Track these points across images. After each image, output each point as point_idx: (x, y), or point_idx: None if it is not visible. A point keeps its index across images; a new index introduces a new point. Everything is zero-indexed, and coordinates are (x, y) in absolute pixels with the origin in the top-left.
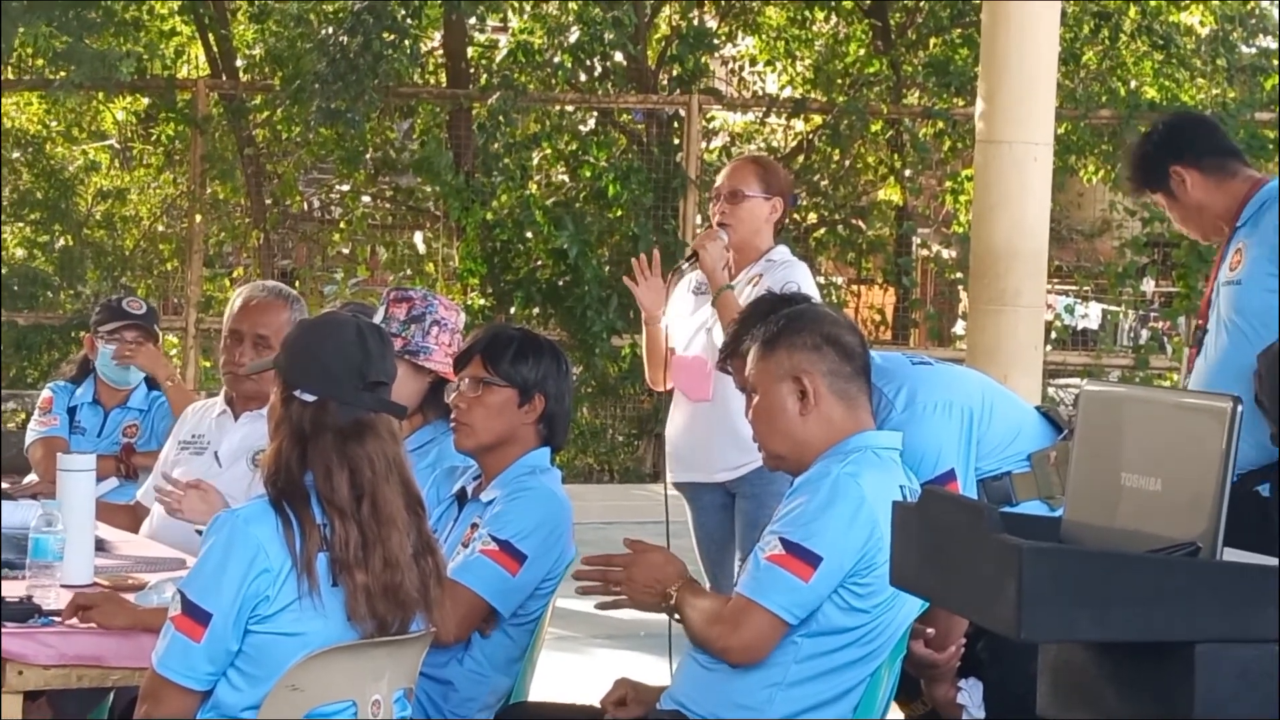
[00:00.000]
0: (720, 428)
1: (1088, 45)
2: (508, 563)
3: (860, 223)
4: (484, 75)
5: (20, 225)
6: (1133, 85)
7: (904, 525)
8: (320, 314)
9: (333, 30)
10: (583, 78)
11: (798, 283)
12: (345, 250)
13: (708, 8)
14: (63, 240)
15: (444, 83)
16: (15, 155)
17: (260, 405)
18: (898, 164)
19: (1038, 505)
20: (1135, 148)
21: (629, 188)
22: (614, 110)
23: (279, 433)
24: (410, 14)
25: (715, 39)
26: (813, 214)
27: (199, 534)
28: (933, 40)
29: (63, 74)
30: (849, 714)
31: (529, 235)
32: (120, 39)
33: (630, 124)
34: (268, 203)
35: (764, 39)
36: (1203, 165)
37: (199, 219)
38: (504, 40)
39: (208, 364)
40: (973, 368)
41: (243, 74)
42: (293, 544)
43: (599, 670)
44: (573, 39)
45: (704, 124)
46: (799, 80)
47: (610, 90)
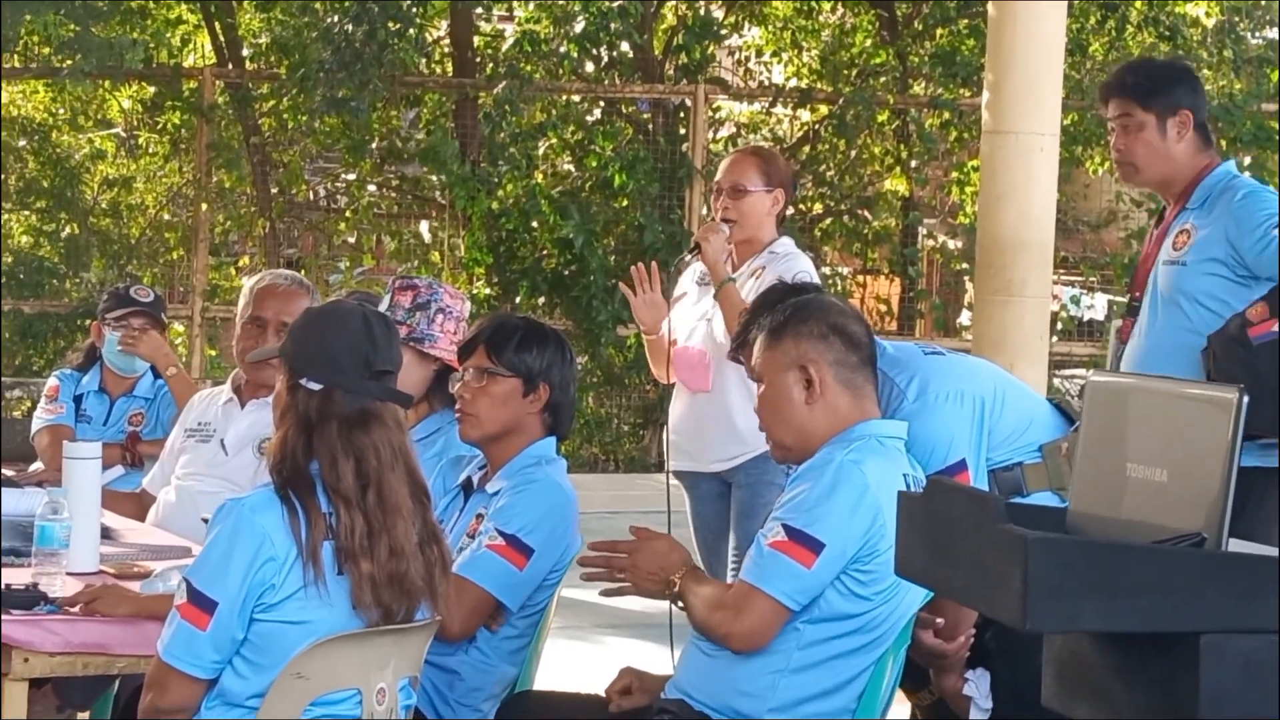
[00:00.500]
0: (717, 418)
1: (1094, 36)
2: (515, 557)
3: (866, 213)
4: (490, 65)
5: (26, 213)
6: None
7: (909, 515)
8: (326, 302)
9: (338, 19)
10: (589, 67)
11: (808, 272)
12: (351, 239)
13: None
14: (68, 228)
15: (450, 72)
16: (21, 143)
17: (268, 393)
18: (904, 154)
19: (1049, 496)
20: (1159, 64)
21: (635, 177)
22: (620, 100)
23: (285, 421)
24: (415, 3)
25: (721, 29)
26: (818, 204)
27: (205, 522)
28: (939, 31)
29: (69, 62)
30: (853, 702)
31: (535, 225)
32: (127, 27)
33: (636, 114)
34: (273, 191)
35: (770, 29)
36: (1199, 127)
37: (205, 207)
38: (510, 29)
39: (213, 352)
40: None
41: (249, 63)
42: (298, 532)
43: (604, 660)
44: (579, 28)
45: (710, 114)
46: (805, 70)
47: (616, 80)
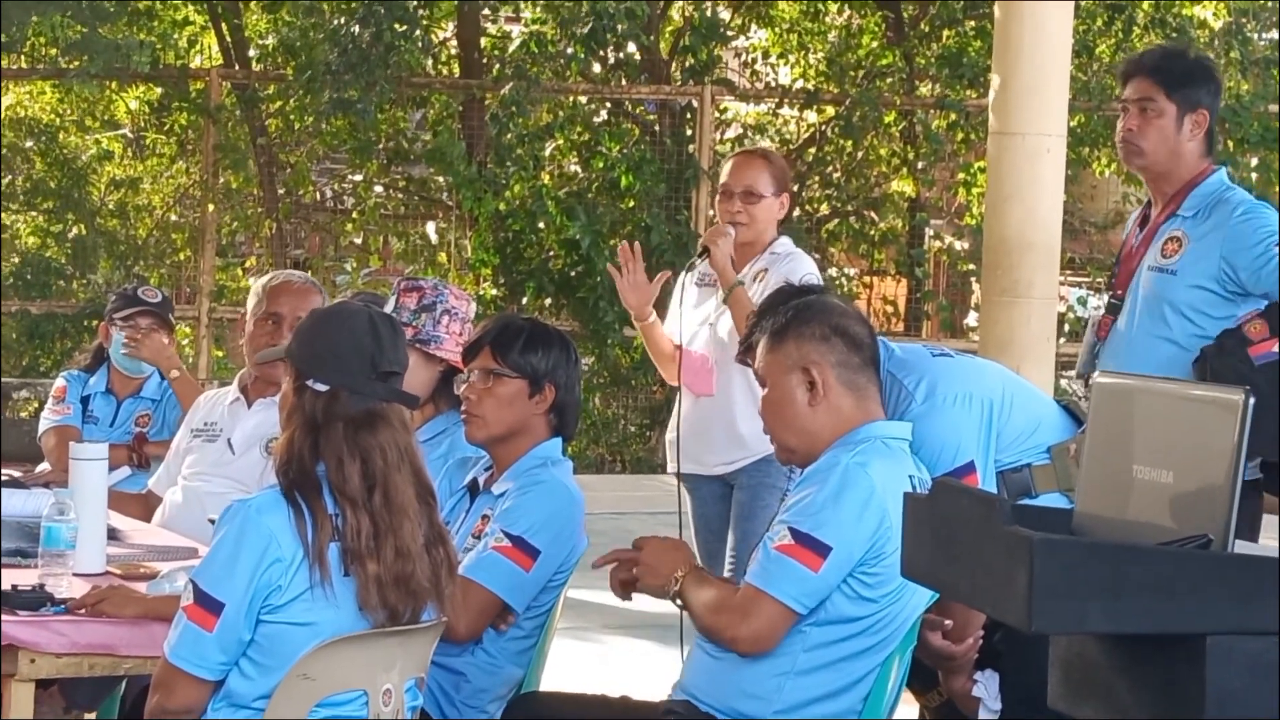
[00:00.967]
0: (719, 422)
1: (1101, 37)
2: (521, 559)
3: (873, 214)
4: (497, 66)
5: (33, 214)
6: None
7: (915, 517)
8: (332, 304)
9: (345, 20)
10: (596, 68)
11: (813, 274)
12: (358, 240)
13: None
14: (75, 229)
15: (457, 73)
16: (28, 144)
17: (275, 392)
18: (910, 156)
19: (1057, 498)
20: (1191, 57)
21: (641, 178)
22: (627, 101)
23: (291, 422)
24: (422, 4)
25: (728, 30)
26: (825, 205)
27: (211, 523)
28: (946, 32)
29: (76, 63)
30: (859, 703)
31: (541, 226)
32: (134, 28)
33: (643, 115)
34: (280, 192)
35: (777, 30)
36: (1209, 130)
37: (211, 208)
38: (517, 31)
39: (220, 353)
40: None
41: (255, 64)
42: (304, 534)
43: (610, 661)
44: (586, 30)
45: (717, 115)
46: (812, 72)
47: (623, 81)
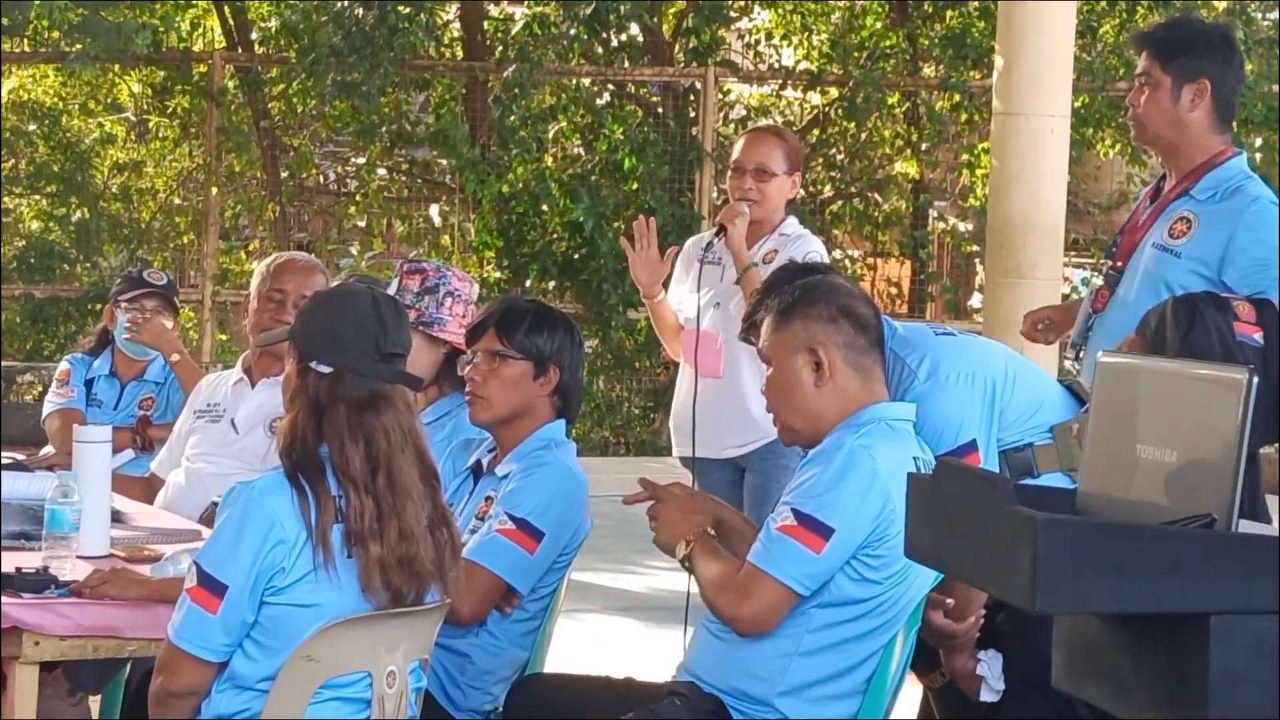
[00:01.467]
0: (730, 405)
1: (1105, 18)
2: (525, 541)
3: (876, 196)
4: (500, 48)
5: (37, 198)
6: None
7: (919, 497)
8: (335, 285)
9: (348, 3)
10: (599, 50)
11: (819, 253)
12: (361, 223)
13: None
14: (79, 213)
15: (460, 55)
16: (31, 128)
17: (279, 372)
18: (914, 137)
19: (1059, 477)
20: (1196, 25)
21: (645, 160)
22: (630, 83)
23: (294, 404)
24: None
25: (731, 12)
26: (829, 187)
27: (215, 506)
28: (949, 13)
29: (78, 46)
30: (862, 684)
31: (545, 208)
32: (136, 11)
33: (646, 97)
34: (283, 175)
35: (780, 12)
36: (1219, 102)
37: (215, 192)
38: (520, 13)
39: (223, 337)
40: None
41: (258, 47)
42: (308, 516)
43: (614, 643)
44: (588, 11)
45: (720, 97)
46: (815, 53)
47: (626, 63)
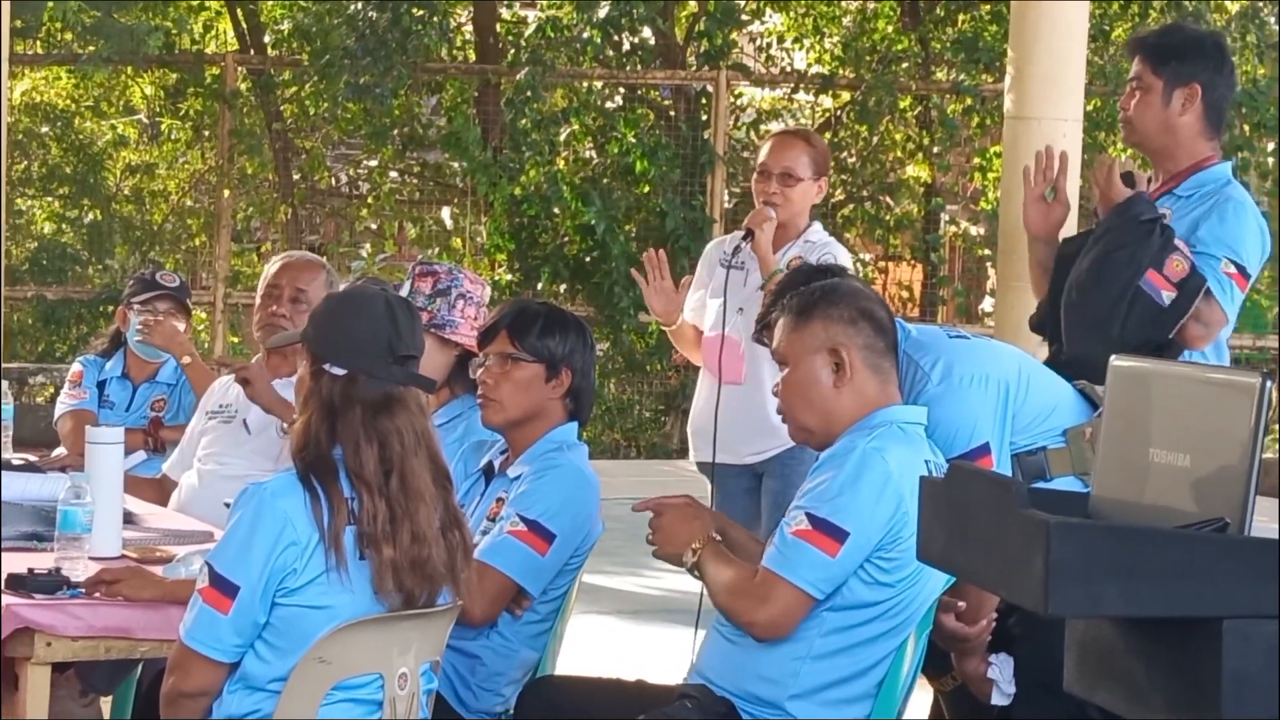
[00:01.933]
0: (751, 411)
1: (1117, 22)
2: (536, 543)
3: (888, 199)
4: (512, 51)
5: (49, 200)
6: None
7: (931, 500)
8: (348, 288)
9: (362, 5)
10: (611, 53)
11: (834, 255)
12: (373, 226)
13: None
14: (91, 215)
15: (472, 58)
16: (44, 130)
17: (290, 372)
18: (926, 141)
19: (1072, 481)
20: (1187, 32)
21: (656, 164)
22: (642, 86)
23: (308, 406)
24: None
25: (743, 15)
26: (840, 191)
27: (227, 507)
28: (961, 16)
29: (91, 49)
30: (874, 687)
31: (556, 211)
32: (149, 14)
33: (658, 100)
34: (295, 178)
35: (792, 15)
36: (1209, 108)
37: (227, 194)
38: (533, 16)
39: (235, 339)
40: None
41: (271, 49)
42: (320, 518)
43: (625, 645)
44: (601, 14)
45: (732, 100)
46: (827, 57)
47: (638, 66)
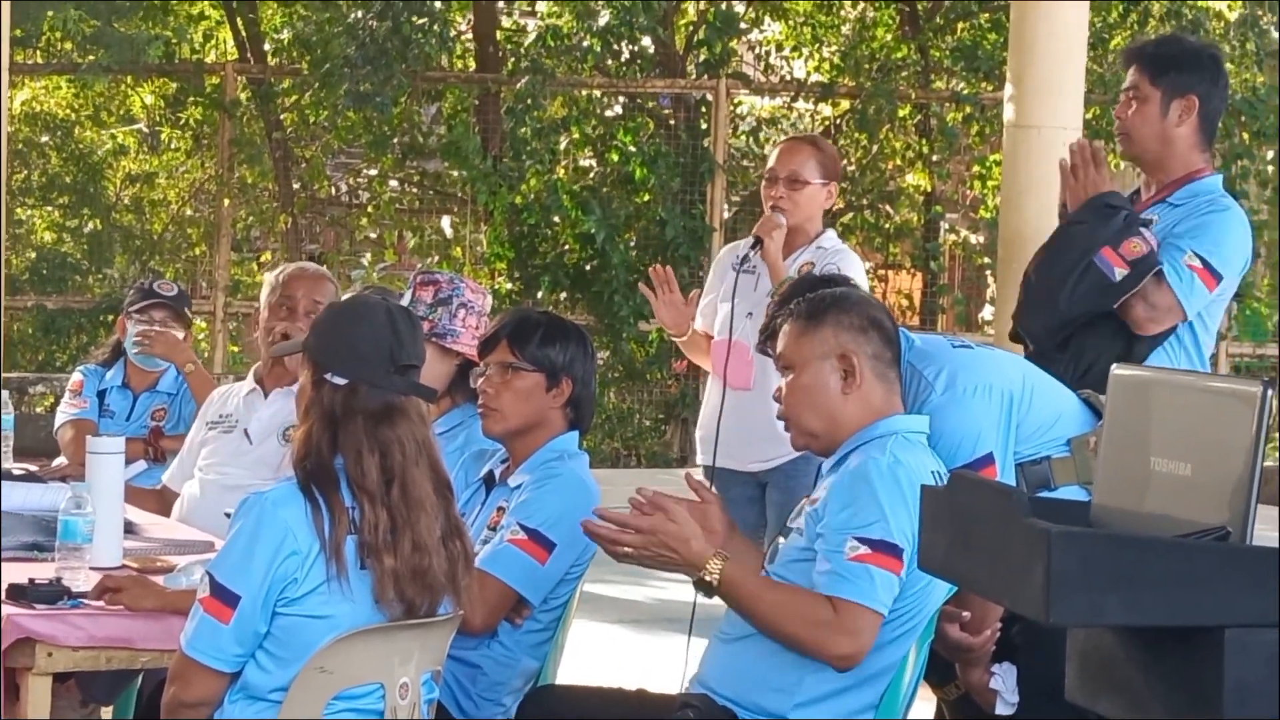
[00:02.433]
0: (758, 417)
1: (1117, 30)
2: (536, 551)
3: (888, 208)
4: (512, 60)
5: (49, 209)
6: None
7: (933, 509)
8: (350, 297)
9: (361, 14)
10: (610, 62)
11: (837, 265)
12: (373, 235)
13: None
14: (91, 224)
15: (472, 67)
16: (44, 139)
17: (291, 381)
18: (925, 149)
19: (1076, 490)
20: (1185, 44)
21: (656, 172)
22: (642, 95)
23: (309, 416)
24: None
25: (742, 24)
26: (840, 199)
27: (228, 517)
28: (961, 25)
29: (91, 58)
30: (877, 697)
31: (556, 220)
32: (149, 23)
33: (658, 109)
34: (295, 187)
35: (791, 24)
36: (1204, 121)
37: (227, 203)
38: (533, 25)
39: (235, 348)
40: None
41: (271, 58)
42: (321, 528)
43: (626, 654)
44: (601, 23)
45: (731, 109)
46: (826, 65)
47: (638, 75)
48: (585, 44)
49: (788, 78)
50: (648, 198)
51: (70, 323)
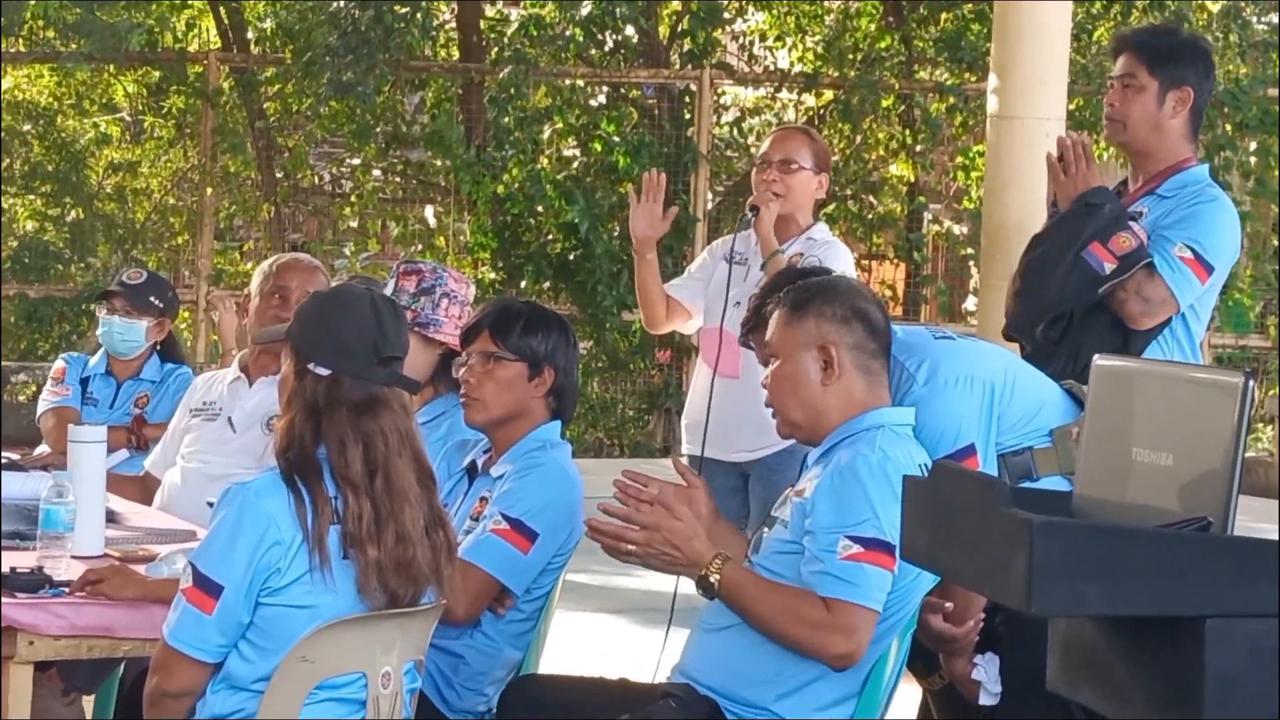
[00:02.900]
0: (745, 407)
1: (1100, 21)
2: (519, 541)
3: (871, 198)
4: (495, 49)
5: (31, 198)
6: None
7: (915, 500)
8: (335, 287)
9: (344, 3)
10: (594, 52)
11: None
12: (355, 224)
13: None
14: (74, 213)
15: (455, 56)
16: (26, 128)
17: (277, 369)
18: (909, 140)
19: (1059, 481)
20: (1180, 35)
21: (640, 162)
22: (625, 85)
23: (292, 406)
24: None
25: (726, 14)
26: None
27: (211, 506)
28: (944, 15)
29: (73, 46)
30: (858, 686)
31: (540, 209)
32: (131, 11)
33: (641, 99)
34: (278, 176)
35: (774, 14)
36: (1195, 112)
37: (210, 192)
38: (516, 14)
39: (216, 337)
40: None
41: (254, 47)
42: (304, 518)
43: (608, 644)
44: (584, 12)
45: (715, 99)
46: (810, 55)
47: (621, 65)
48: (568, 33)
49: (771, 68)
50: (631, 187)
51: (53, 311)
